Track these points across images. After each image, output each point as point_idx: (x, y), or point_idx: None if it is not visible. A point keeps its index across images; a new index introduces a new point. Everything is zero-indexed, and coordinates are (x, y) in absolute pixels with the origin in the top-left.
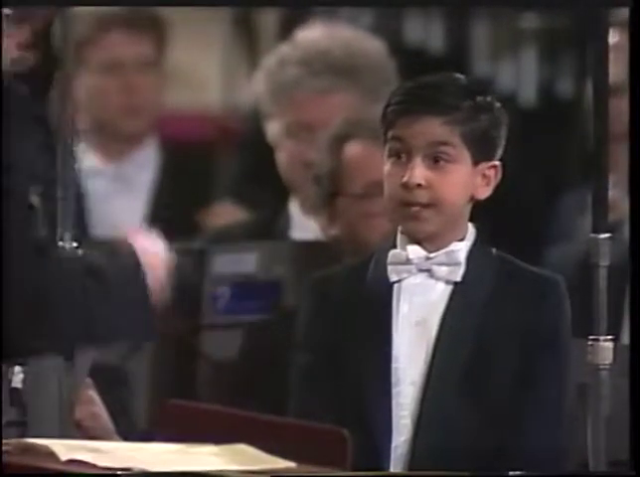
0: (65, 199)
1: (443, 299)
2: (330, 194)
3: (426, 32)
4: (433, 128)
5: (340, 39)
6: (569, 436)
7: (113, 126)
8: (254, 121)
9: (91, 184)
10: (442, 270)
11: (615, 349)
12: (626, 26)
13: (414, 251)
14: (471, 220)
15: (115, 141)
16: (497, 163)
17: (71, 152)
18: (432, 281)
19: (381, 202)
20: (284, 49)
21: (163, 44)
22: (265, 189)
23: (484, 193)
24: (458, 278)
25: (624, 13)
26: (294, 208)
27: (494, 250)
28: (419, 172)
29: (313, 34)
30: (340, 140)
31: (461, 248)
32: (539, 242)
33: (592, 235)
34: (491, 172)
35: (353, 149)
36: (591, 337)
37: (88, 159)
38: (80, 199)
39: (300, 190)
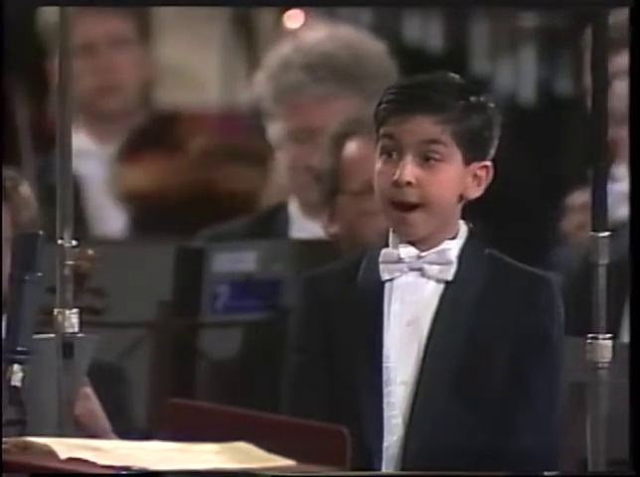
0: (63, 190)
1: (435, 298)
2: (330, 191)
3: (425, 32)
4: (425, 126)
5: (343, 41)
6: (568, 436)
7: (95, 107)
8: (254, 120)
9: (83, 166)
10: (434, 269)
11: (614, 347)
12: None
13: (406, 250)
14: (465, 218)
15: (101, 122)
16: (488, 163)
17: (69, 139)
18: (424, 280)
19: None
20: (287, 50)
21: (142, 20)
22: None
23: (475, 193)
24: (450, 277)
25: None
26: (293, 208)
27: (486, 249)
28: (410, 170)
29: (316, 36)
30: (341, 138)
31: (453, 247)
32: (538, 242)
33: (592, 233)
34: (482, 172)
35: (351, 147)
36: (590, 335)
37: (79, 141)
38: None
39: (300, 191)
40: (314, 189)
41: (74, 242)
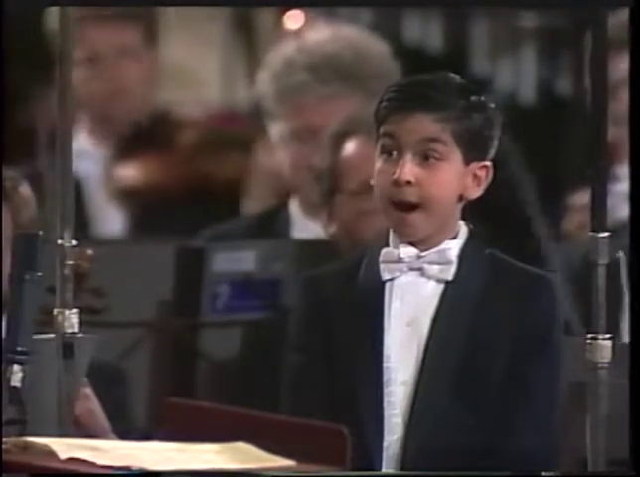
0: (64, 191)
1: (435, 298)
2: (328, 191)
3: (425, 32)
4: (425, 125)
5: (347, 41)
6: (568, 436)
7: (102, 113)
8: (256, 119)
9: (83, 166)
10: (434, 269)
11: (614, 347)
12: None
13: (406, 250)
14: (465, 218)
15: (104, 124)
16: (488, 163)
17: (69, 139)
18: (424, 280)
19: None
20: (290, 50)
21: (150, 32)
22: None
23: (474, 193)
24: (450, 277)
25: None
26: (294, 207)
27: (486, 249)
28: (409, 169)
29: (319, 36)
30: (340, 137)
31: (453, 247)
32: (538, 242)
33: (592, 233)
34: (482, 172)
35: (350, 147)
36: (590, 335)
37: (80, 142)
38: (76, 187)
39: (301, 190)
40: (315, 188)
41: (73, 242)
